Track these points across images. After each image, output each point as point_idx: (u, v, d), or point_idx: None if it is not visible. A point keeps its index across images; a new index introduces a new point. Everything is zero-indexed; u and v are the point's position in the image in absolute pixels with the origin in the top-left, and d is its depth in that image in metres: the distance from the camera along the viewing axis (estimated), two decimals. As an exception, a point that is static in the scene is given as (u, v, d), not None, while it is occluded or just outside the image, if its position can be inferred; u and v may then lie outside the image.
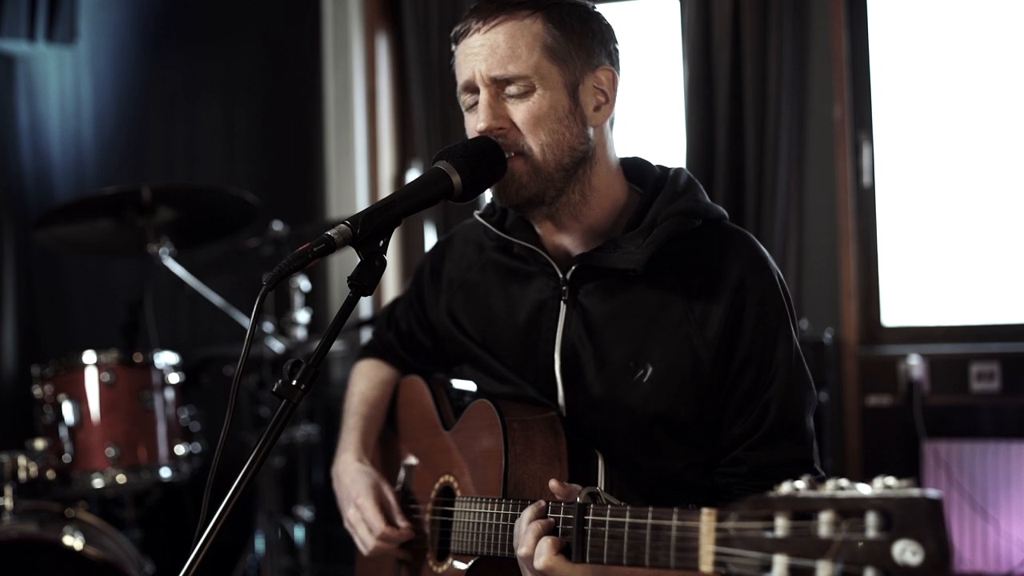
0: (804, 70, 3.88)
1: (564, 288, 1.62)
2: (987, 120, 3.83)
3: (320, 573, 3.88)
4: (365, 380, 1.96)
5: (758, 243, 1.63)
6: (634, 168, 1.70)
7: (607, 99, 1.60)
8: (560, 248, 1.65)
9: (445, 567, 1.66)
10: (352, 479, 1.80)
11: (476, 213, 1.74)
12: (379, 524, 1.71)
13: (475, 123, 1.55)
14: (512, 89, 1.52)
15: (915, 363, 3.69)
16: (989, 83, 3.83)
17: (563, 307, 1.63)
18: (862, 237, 3.91)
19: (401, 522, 1.73)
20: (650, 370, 1.56)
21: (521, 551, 1.38)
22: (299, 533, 3.60)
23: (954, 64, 3.87)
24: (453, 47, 1.60)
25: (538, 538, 1.36)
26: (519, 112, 1.52)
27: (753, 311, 1.55)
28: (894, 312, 3.93)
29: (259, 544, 3.47)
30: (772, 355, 1.56)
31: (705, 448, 1.60)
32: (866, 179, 3.90)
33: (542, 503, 1.39)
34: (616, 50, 1.63)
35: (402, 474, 1.88)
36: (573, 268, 1.61)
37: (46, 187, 4.58)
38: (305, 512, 3.62)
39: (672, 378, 1.56)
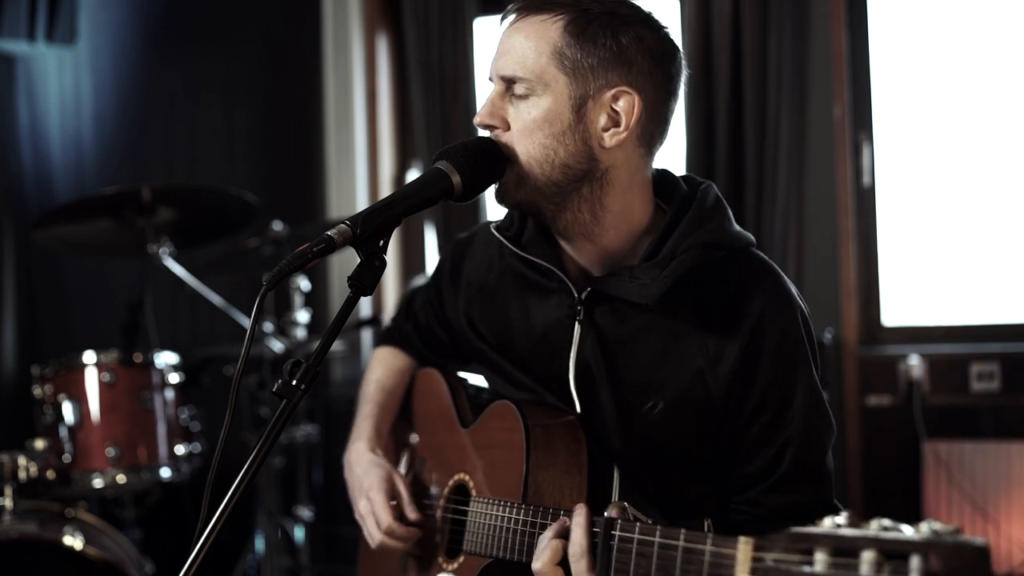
0: (804, 70, 3.88)
1: (579, 308, 1.59)
2: (987, 120, 3.83)
3: (320, 573, 3.88)
4: (383, 367, 1.94)
5: (783, 276, 1.55)
6: (660, 182, 1.61)
7: (626, 126, 1.48)
8: (577, 265, 1.61)
9: (456, 565, 1.66)
10: (364, 470, 1.79)
11: (492, 226, 1.71)
12: (387, 519, 1.70)
13: None
14: (518, 89, 1.49)
15: (915, 363, 3.69)
16: (989, 83, 3.83)
17: (578, 326, 1.59)
18: (862, 237, 3.91)
19: (412, 514, 1.72)
20: (660, 404, 1.53)
21: (536, 565, 1.37)
22: (299, 533, 3.60)
23: (954, 64, 3.87)
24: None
25: (555, 558, 1.35)
26: (515, 116, 1.50)
27: (771, 350, 1.49)
28: (894, 312, 3.93)
29: (259, 544, 3.47)
30: (791, 396, 1.50)
31: (718, 482, 1.57)
32: (866, 179, 3.90)
33: (566, 520, 1.38)
34: (666, 75, 1.50)
35: (413, 466, 1.87)
36: (588, 290, 1.57)
37: (46, 187, 4.58)
38: (305, 512, 3.61)
39: (682, 413, 1.52)
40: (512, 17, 1.51)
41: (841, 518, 0.98)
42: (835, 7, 3.84)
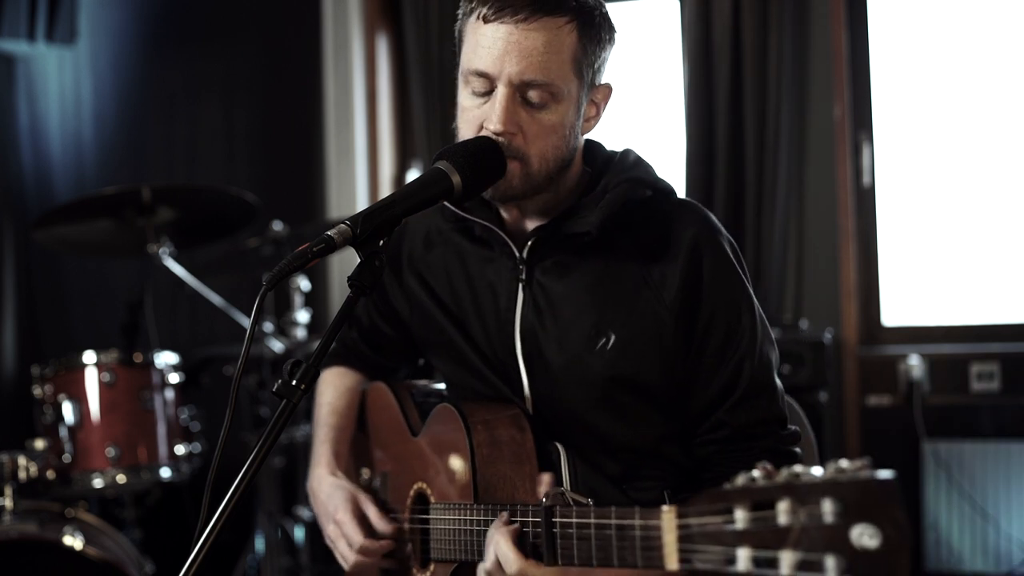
0: (804, 70, 3.88)
1: (522, 268, 1.63)
2: (987, 120, 3.83)
3: (320, 573, 3.88)
4: (332, 389, 1.93)
5: (706, 209, 1.65)
6: (585, 149, 1.69)
7: (596, 113, 1.61)
8: (517, 226, 1.66)
9: (428, 574, 1.67)
10: (328, 495, 1.78)
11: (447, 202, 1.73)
12: (358, 538, 1.70)
13: (473, 105, 1.53)
14: (533, 96, 1.49)
15: (915, 363, 3.69)
16: (989, 83, 3.83)
17: (521, 288, 1.63)
18: (862, 237, 3.91)
19: (383, 525, 1.71)
20: (613, 337, 1.57)
21: (486, 565, 1.40)
22: (299, 533, 3.60)
23: (954, 64, 3.87)
24: (468, 19, 1.54)
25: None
26: (532, 122, 1.51)
27: (709, 271, 1.57)
28: (894, 312, 3.93)
29: (259, 544, 3.47)
30: (737, 314, 1.58)
31: (677, 417, 1.61)
32: (866, 179, 3.90)
33: (505, 515, 1.41)
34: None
35: (377, 482, 1.87)
36: (529, 244, 1.61)
37: (46, 187, 4.58)
38: (305, 512, 3.61)
39: (636, 342, 1.57)
40: (520, 17, 1.47)
41: (756, 472, 1.01)
42: (835, 7, 3.84)
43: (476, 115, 1.53)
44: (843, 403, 3.79)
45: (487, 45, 1.49)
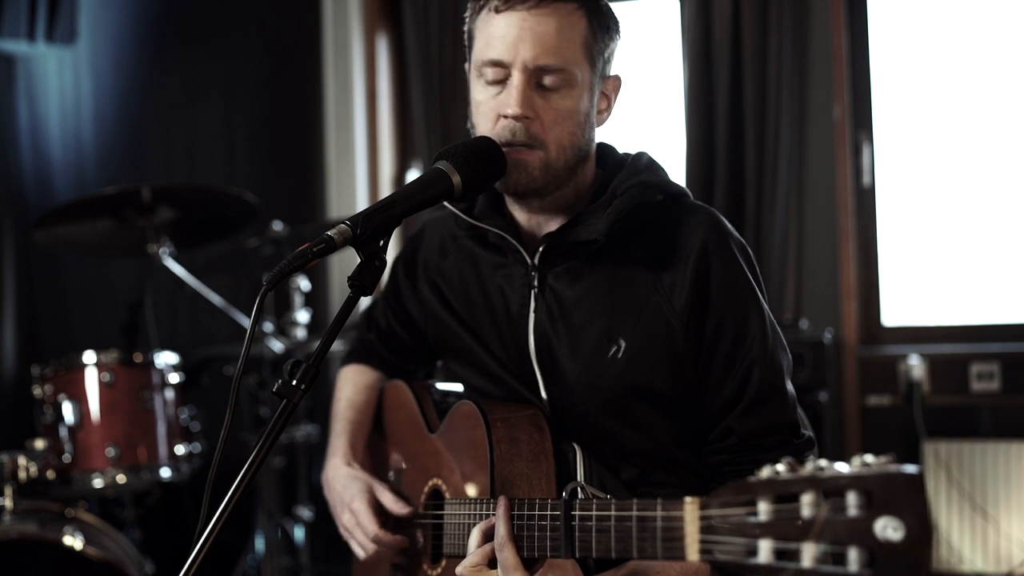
0: (804, 70, 3.88)
1: (533, 274, 1.63)
2: (987, 120, 3.83)
3: (320, 573, 3.88)
4: (351, 385, 1.96)
5: (718, 213, 1.64)
6: (599, 152, 1.70)
7: (608, 105, 1.63)
8: (529, 232, 1.66)
9: (439, 570, 1.67)
10: (344, 485, 1.79)
11: (445, 202, 1.73)
12: (373, 527, 1.70)
13: (488, 96, 1.54)
14: (548, 81, 1.52)
15: (915, 363, 3.69)
16: (989, 83, 3.83)
17: (533, 294, 1.64)
18: (862, 237, 3.91)
19: (400, 509, 1.71)
20: (623, 345, 1.57)
21: (458, 569, 1.41)
22: (299, 533, 3.60)
23: (954, 64, 3.87)
24: (478, 16, 1.57)
25: (481, 548, 1.41)
26: (548, 106, 1.53)
27: (718, 275, 1.56)
28: (894, 312, 3.93)
29: (259, 544, 3.47)
30: (746, 317, 1.56)
31: (690, 424, 1.60)
32: (866, 179, 3.90)
33: (492, 520, 1.41)
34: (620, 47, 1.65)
35: (392, 478, 1.88)
36: (540, 250, 1.62)
37: (46, 187, 4.58)
38: (305, 512, 3.62)
39: (646, 349, 1.56)
40: (531, 2, 1.50)
41: (781, 465, 1.00)
42: (835, 7, 3.84)
43: (492, 106, 1.55)
44: (843, 403, 3.79)
45: (500, 35, 1.52)
